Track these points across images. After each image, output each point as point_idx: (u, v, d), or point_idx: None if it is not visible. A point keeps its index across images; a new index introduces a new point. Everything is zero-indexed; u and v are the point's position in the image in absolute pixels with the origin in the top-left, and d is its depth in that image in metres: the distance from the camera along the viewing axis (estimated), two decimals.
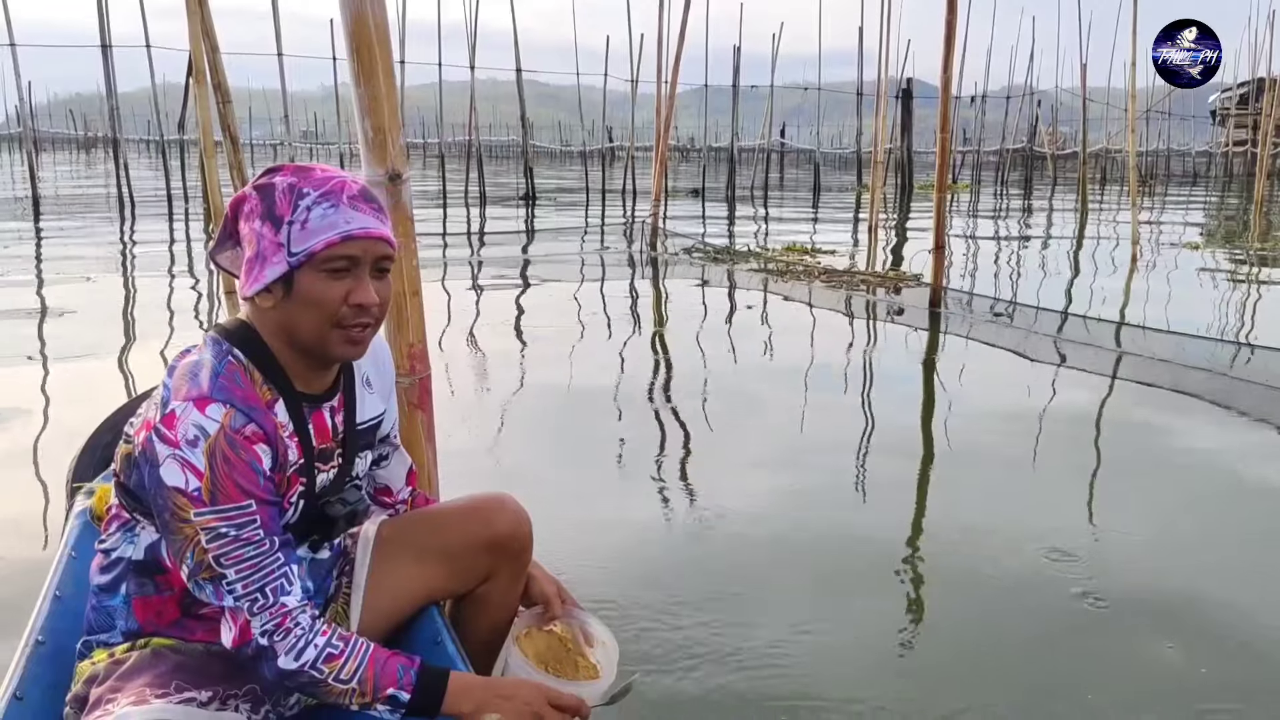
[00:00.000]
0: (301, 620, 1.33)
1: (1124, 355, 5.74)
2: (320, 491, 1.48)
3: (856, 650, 2.37)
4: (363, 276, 1.38)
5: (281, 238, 1.36)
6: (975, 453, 4.00)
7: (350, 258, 1.37)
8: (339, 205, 1.37)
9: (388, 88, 1.99)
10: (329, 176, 1.41)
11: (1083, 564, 2.84)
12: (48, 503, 3.10)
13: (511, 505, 1.66)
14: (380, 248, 1.40)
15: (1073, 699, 2.16)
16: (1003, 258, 11.29)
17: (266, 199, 1.39)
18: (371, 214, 1.40)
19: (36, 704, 1.36)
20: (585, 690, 1.58)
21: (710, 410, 4.61)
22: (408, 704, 1.33)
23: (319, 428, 1.47)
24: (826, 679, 2.21)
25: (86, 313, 6.71)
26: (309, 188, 1.38)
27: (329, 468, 1.49)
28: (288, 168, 1.42)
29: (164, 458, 1.30)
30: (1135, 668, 2.31)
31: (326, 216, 1.35)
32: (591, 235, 13.02)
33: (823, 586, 2.72)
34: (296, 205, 1.36)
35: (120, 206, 15.36)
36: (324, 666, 1.32)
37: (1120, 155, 33.50)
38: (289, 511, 1.44)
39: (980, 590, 2.70)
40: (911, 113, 22.11)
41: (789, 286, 8.39)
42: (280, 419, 1.40)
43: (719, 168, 27.11)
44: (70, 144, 49.41)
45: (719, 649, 2.31)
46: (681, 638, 2.35)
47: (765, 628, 2.42)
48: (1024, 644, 2.43)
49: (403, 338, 2.08)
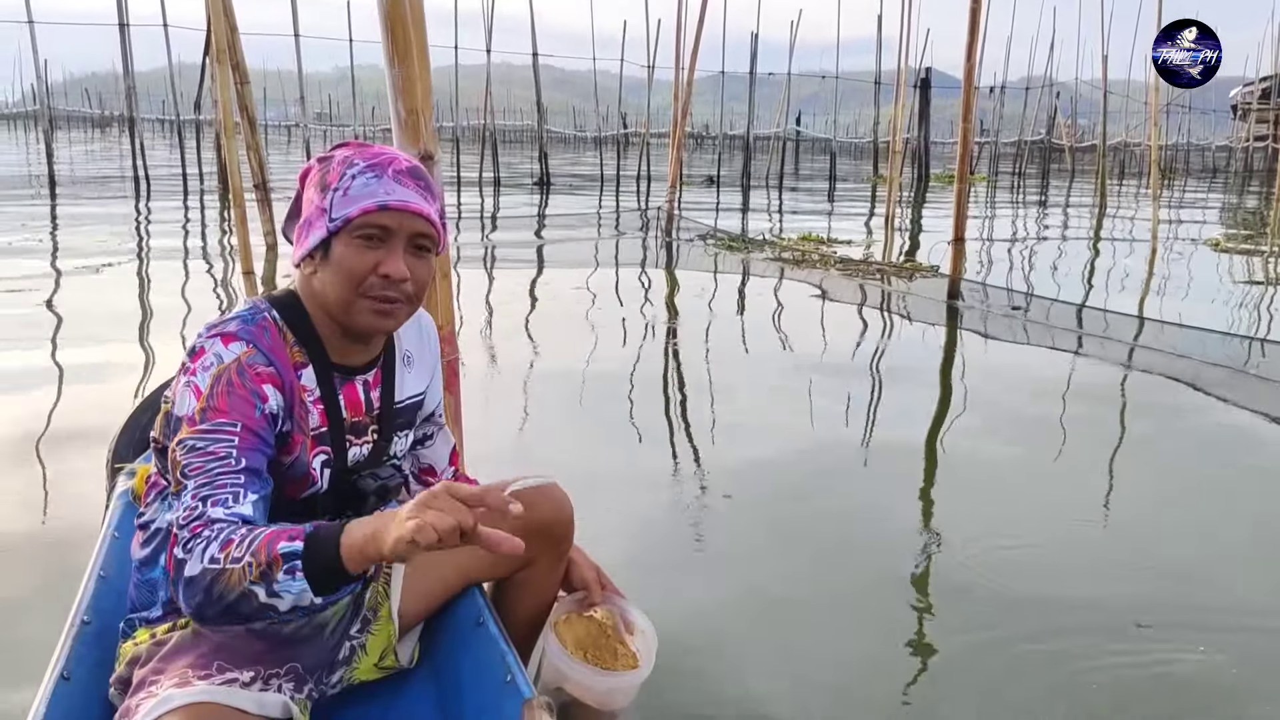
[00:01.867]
0: (215, 527, 1.23)
1: (1145, 349, 5.71)
2: (353, 466, 1.48)
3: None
4: (395, 249, 1.39)
5: (325, 204, 1.39)
6: (993, 449, 3.98)
7: (383, 227, 1.37)
8: (382, 177, 1.39)
9: (421, 69, 1.98)
10: (382, 152, 1.44)
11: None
12: (88, 484, 3.08)
13: (555, 490, 1.65)
14: (417, 223, 1.40)
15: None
16: (1021, 251, 11.24)
17: (324, 169, 1.42)
18: (415, 190, 1.41)
19: (83, 684, 1.36)
20: (624, 680, 1.57)
21: (731, 399, 4.60)
22: (303, 553, 1.17)
23: (350, 400, 1.47)
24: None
25: (112, 294, 6.73)
26: (360, 159, 1.41)
27: (362, 442, 1.49)
28: (352, 143, 1.46)
29: (181, 386, 1.34)
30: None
31: (368, 185, 1.37)
32: (606, 222, 12.99)
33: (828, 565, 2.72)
34: (344, 174, 1.39)
35: (136, 186, 15.38)
36: (220, 555, 1.19)
37: (1139, 149, 33.28)
38: (317, 483, 1.44)
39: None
40: (929, 102, 21.94)
41: (805, 275, 8.36)
42: (306, 384, 1.41)
43: (733, 156, 27.05)
44: (86, 122, 49.45)
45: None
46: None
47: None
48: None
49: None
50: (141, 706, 1.25)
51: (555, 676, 1.56)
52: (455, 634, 1.57)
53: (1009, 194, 21.58)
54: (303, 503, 1.44)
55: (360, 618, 1.57)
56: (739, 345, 5.84)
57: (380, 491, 1.51)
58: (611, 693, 1.57)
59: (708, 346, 5.76)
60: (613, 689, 1.57)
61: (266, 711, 1.32)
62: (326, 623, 1.53)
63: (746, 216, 14.49)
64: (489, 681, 1.43)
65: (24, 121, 42.46)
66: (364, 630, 1.56)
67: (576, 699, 1.55)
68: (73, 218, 11.51)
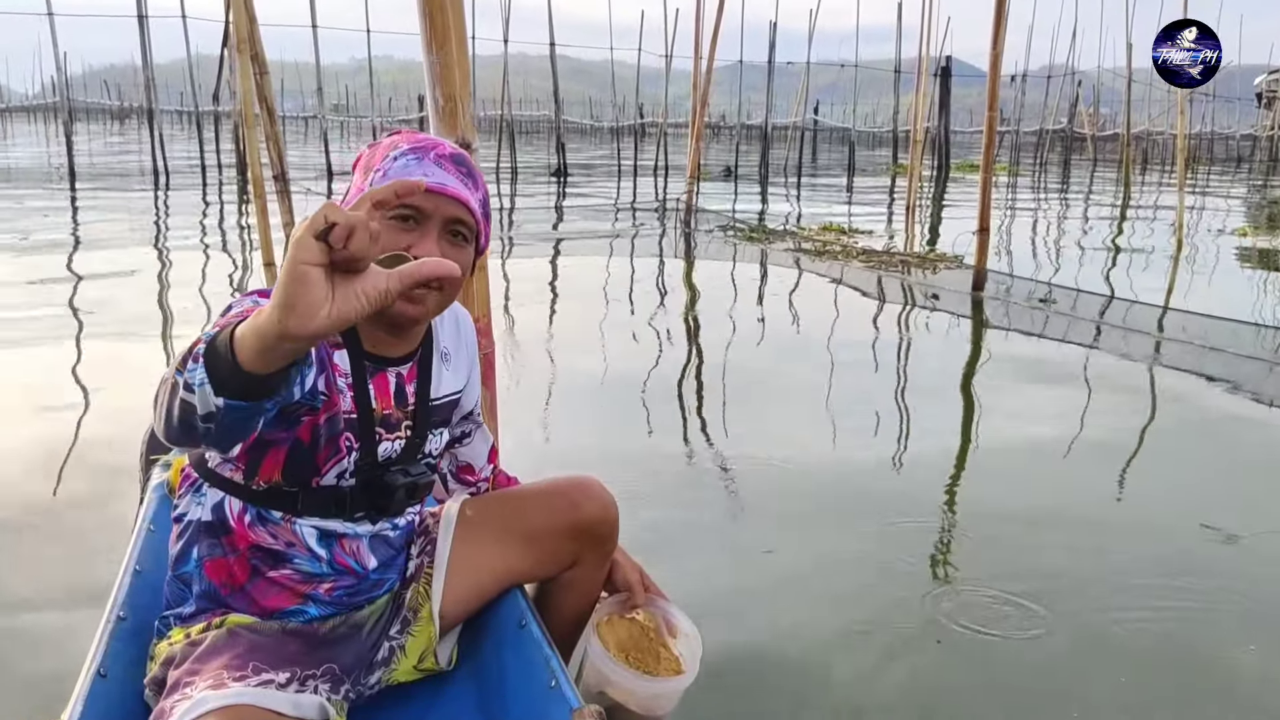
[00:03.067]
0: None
1: (1172, 342, 5.64)
2: (384, 461, 1.44)
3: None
4: (430, 232, 1.36)
5: (365, 184, 1.39)
6: (1019, 440, 3.92)
7: (417, 209, 1.35)
8: (423, 160, 1.38)
9: (459, 55, 1.95)
10: (428, 139, 1.44)
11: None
12: (121, 477, 3.06)
13: (598, 490, 1.61)
14: (454, 208, 1.37)
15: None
16: (1046, 242, 11.12)
17: (371, 153, 1.43)
18: (456, 175, 1.39)
19: (120, 680, 1.33)
20: (670, 685, 1.54)
21: (756, 390, 4.55)
22: (213, 335, 1.02)
23: (381, 391, 1.43)
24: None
25: (133, 287, 6.74)
26: (406, 143, 1.41)
27: (394, 437, 1.45)
28: (404, 131, 1.47)
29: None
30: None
31: (407, 167, 1.37)
32: (624, 212, 12.94)
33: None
34: (387, 157, 1.40)
35: (155, 178, 15.44)
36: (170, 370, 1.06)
37: (1162, 137, 32.94)
38: (343, 456, 1.40)
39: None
40: (950, 91, 21.73)
41: (826, 266, 8.29)
42: (339, 365, 1.39)
43: (751, 146, 26.93)
44: (104, 114, 49.70)
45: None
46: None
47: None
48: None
49: (468, 312, 2.05)
50: (176, 709, 1.21)
51: (598, 680, 1.52)
52: (497, 636, 1.53)
53: (1030, 183, 21.39)
54: (331, 492, 1.41)
55: (400, 618, 1.54)
56: (767, 338, 5.79)
57: (410, 488, 1.47)
58: (656, 698, 1.53)
59: (735, 339, 5.71)
60: (658, 694, 1.53)
61: (303, 713, 1.28)
62: (364, 623, 1.50)
63: (765, 207, 14.41)
64: (533, 685, 1.39)
65: (44, 114, 42.74)
66: (404, 631, 1.53)
67: (619, 703, 1.51)
68: (93, 209, 11.56)
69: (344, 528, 1.44)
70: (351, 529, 1.45)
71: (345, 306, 0.90)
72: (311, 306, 0.89)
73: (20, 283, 6.59)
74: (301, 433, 1.36)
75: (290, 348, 0.94)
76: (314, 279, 0.89)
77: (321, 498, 1.41)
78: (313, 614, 1.44)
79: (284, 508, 1.40)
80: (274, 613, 1.42)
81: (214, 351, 0.99)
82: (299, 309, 0.89)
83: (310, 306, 0.89)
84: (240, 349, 0.96)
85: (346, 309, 0.90)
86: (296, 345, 0.94)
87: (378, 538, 1.49)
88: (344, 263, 0.90)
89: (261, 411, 1.04)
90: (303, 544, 1.42)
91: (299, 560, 1.42)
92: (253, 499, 1.39)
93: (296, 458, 1.37)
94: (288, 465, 1.38)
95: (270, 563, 1.41)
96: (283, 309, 0.89)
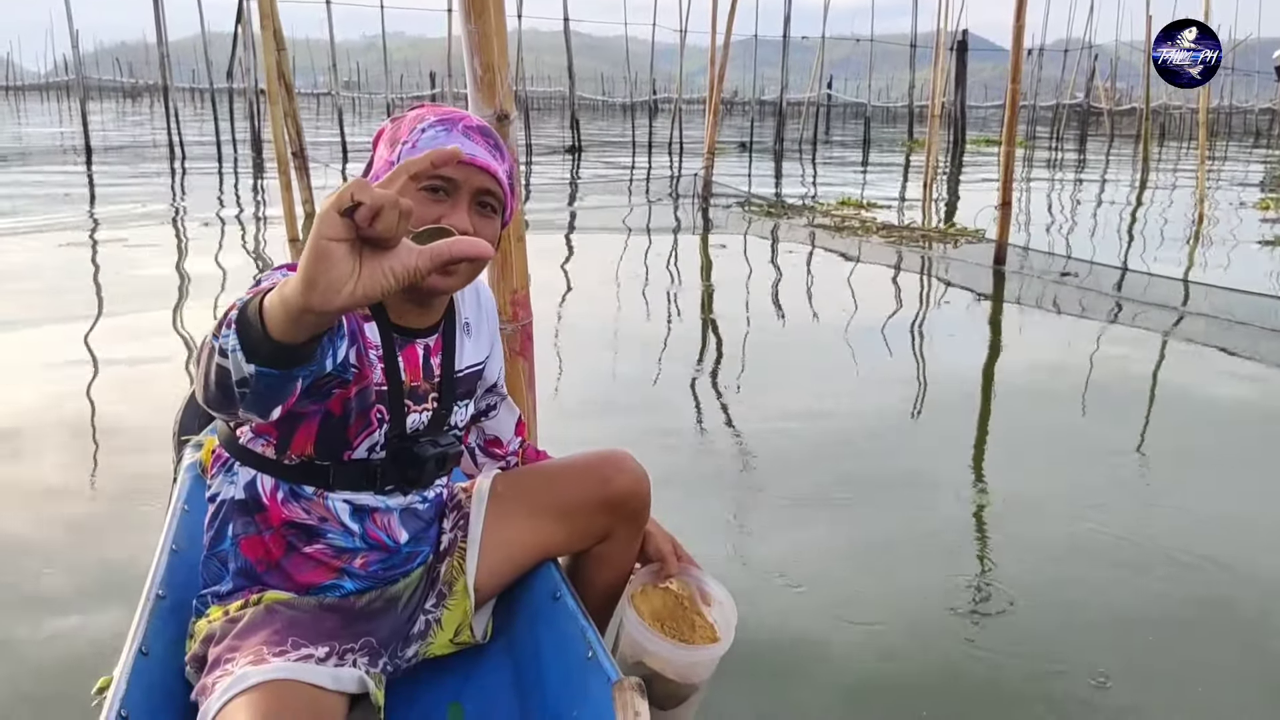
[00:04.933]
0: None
1: (1198, 315, 5.59)
2: (412, 433, 1.45)
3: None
4: (460, 203, 1.36)
5: (394, 157, 1.38)
6: (1036, 415, 3.90)
7: (448, 179, 1.35)
8: (452, 131, 1.38)
9: (498, 24, 1.92)
10: (454, 112, 1.43)
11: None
12: (155, 457, 3.07)
13: (630, 463, 1.61)
14: (483, 179, 1.37)
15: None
16: (1065, 216, 11.03)
17: (395, 127, 1.43)
18: (484, 146, 1.39)
19: (161, 658, 1.34)
20: (707, 653, 1.54)
21: (790, 366, 4.54)
22: (245, 302, 1.01)
23: (410, 363, 1.44)
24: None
25: (154, 265, 6.75)
26: (432, 115, 1.41)
27: (421, 409, 1.46)
28: (427, 105, 1.46)
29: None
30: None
31: (436, 139, 1.37)
32: (639, 189, 12.88)
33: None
34: (414, 129, 1.39)
35: (171, 153, 15.45)
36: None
37: (1180, 111, 32.59)
38: (374, 428, 1.39)
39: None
40: (966, 66, 21.50)
41: (846, 242, 8.24)
42: (370, 337, 1.39)
43: (765, 122, 26.78)
44: (117, 92, 49.73)
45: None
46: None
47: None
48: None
49: (506, 284, 2.04)
50: (218, 685, 1.22)
51: (635, 650, 1.52)
52: (531, 608, 1.53)
53: (1047, 157, 21.20)
54: (362, 466, 1.41)
55: (435, 592, 1.54)
56: (789, 314, 5.76)
57: (439, 459, 1.46)
58: (693, 666, 1.53)
59: (755, 313, 5.69)
60: (695, 663, 1.53)
61: (342, 687, 1.29)
62: (399, 596, 1.50)
63: (781, 182, 14.33)
64: (570, 657, 1.39)
65: (57, 92, 42.80)
66: (439, 605, 1.53)
67: (656, 672, 1.52)
68: (110, 186, 11.58)
69: (375, 501, 1.44)
70: (383, 502, 1.45)
71: (371, 284, 0.88)
72: (335, 282, 0.87)
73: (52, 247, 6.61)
74: (333, 405, 1.36)
75: (314, 320, 0.93)
76: (337, 255, 0.86)
77: (353, 471, 1.41)
78: (348, 588, 1.45)
79: (316, 482, 1.40)
80: (310, 588, 1.42)
81: (245, 319, 0.98)
82: (321, 285, 0.87)
83: (333, 282, 0.87)
84: (269, 318, 0.95)
85: (373, 286, 0.88)
86: (321, 319, 0.93)
87: (408, 511, 1.49)
88: (372, 240, 0.88)
89: (293, 379, 1.03)
90: (335, 518, 1.42)
91: (332, 535, 1.42)
92: (285, 475, 1.40)
93: (328, 431, 1.37)
94: (319, 438, 1.38)
95: (304, 538, 1.42)
96: (306, 284, 0.88)
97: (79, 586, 2.34)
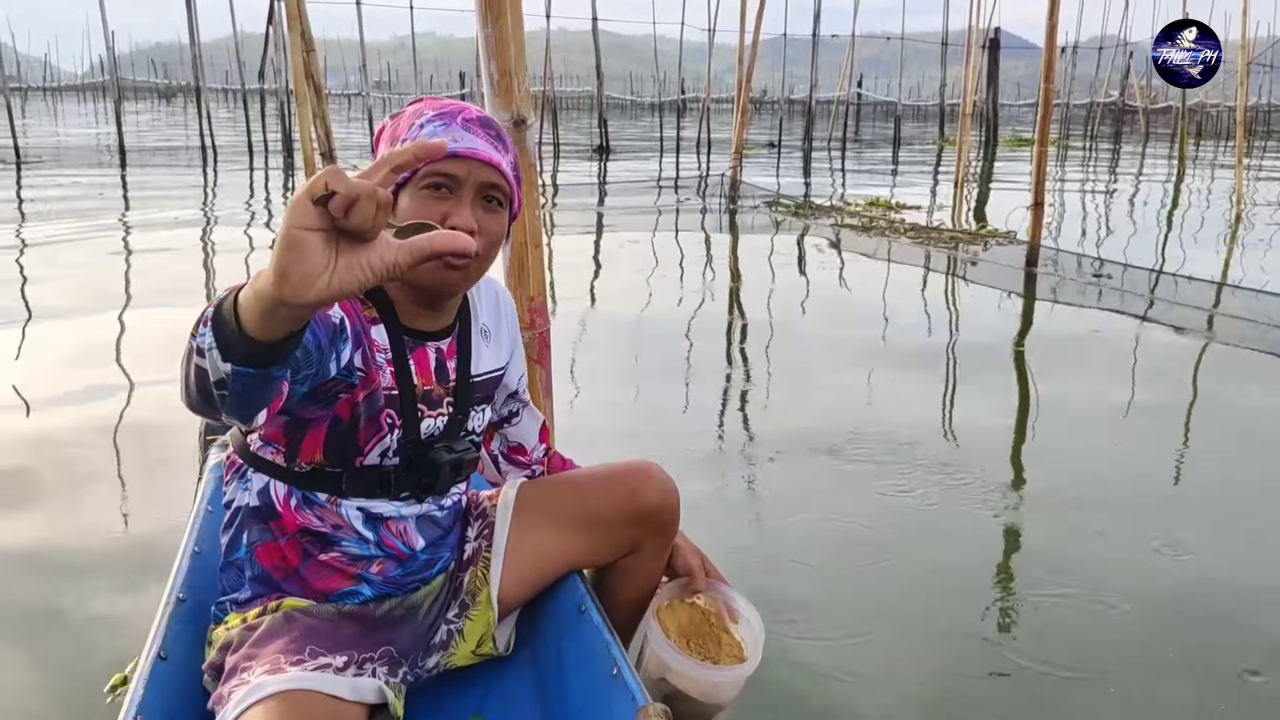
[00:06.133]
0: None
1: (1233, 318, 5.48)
2: (427, 439, 1.42)
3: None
4: (464, 200, 1.32)
5: None
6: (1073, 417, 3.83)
7: (450, 176, 1.31)
8: (450, 125, 1.34)
9: (515, 28, 1.90)
10: (453, 104, 1.40)
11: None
12: (181, 457, 3.06)
13: (659, 475, 1.57)
14: (487, 173, 1.33)
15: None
16: (1099, 217, 10.88)
17: (395, 124, 1.40)
18: (485, 139, 1.35)
19: (180, 663, 1.32)
20: (733, 674, 1.50)
21: (820, 372, 4.49)
22: (221, 299, 0.97)
23: (421, 366, 1.41)
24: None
25: (182, 263, 6.81)
26: (430, 110, 1.38)
27: (436, 415, 1.43)
28: (426, 100, 1.42)
29: None
30: None
31: (435, 134, 1.32)
32: (667, 188, 12.85)
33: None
34: (413, 125, 1.36)
35: (203, 154, 15.61)
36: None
37: (1217, 110, 32.09)
38: (384, 433, 1.37)
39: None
40: (998, 64, 21.27)
41: (874, 243, 8.16)
42: (377, 339, 1.36)
43: (794, 121, 26.66)
44: (151, 93, 50.35)
45: None
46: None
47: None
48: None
49: (523, 291, 2.02)
50: (235, 694, 1.21)
51: (659, 667, 1.49)
52: (556, 621, 1.51)
53: (1080, 157, 20.94)
54: (375, 472, 1.39)
55: (459, 602, 1.51)
56: (816, 313, 5.71)
57: (455, 465, 1.44)
58: (719, 686, 1.50)
59: (784, 318, 5.64)
60: (720, 683, 1.50)
61: (361, 697, 1.27)
62: (419, 605, 1.48)
63: (809, 181, 14.24)
64: (594, 673, 1.36)
65: (92, 93, 43.41)
66: (462, 615, 1.50)
67: (680, 690, 1.49)
68: (143, 186, 11.71)
69: (390, 509, 1.42)
70: (397, 510, 1.43)
71: (347, 277, 0.83)
72: (307, 275, 0.82)
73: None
74: (341, 410, 1.34)
75: (288, 314, 0.88)
76: (310, 246, 0.82)
77: (366, 478, 1.39)
78: (367, 595, 1.43)
79: (328, 489, 1.38)
80: (328, 595, 1.40)
81: (220, 316, 0.94)
82: (293, 277, 0.82)
83: (306, 275, 0.82)
84: (244, 314, 0.91)
85: (348, 280, 0.83)
86: (294, 312, 0.88)
87: (424, 518, 1.47)
88: (349, 231, 0.83)
89: (271, 379, 0.99)
90: (349, 526, 1.40)
91: (347, 543, 1.40)
92: (297, 482, 1.38)
93: (337, 436, 1.35)
94: (328, 445, 1.36)
95: (320, 545, 1.40)
96: (279, 275, 0.83)
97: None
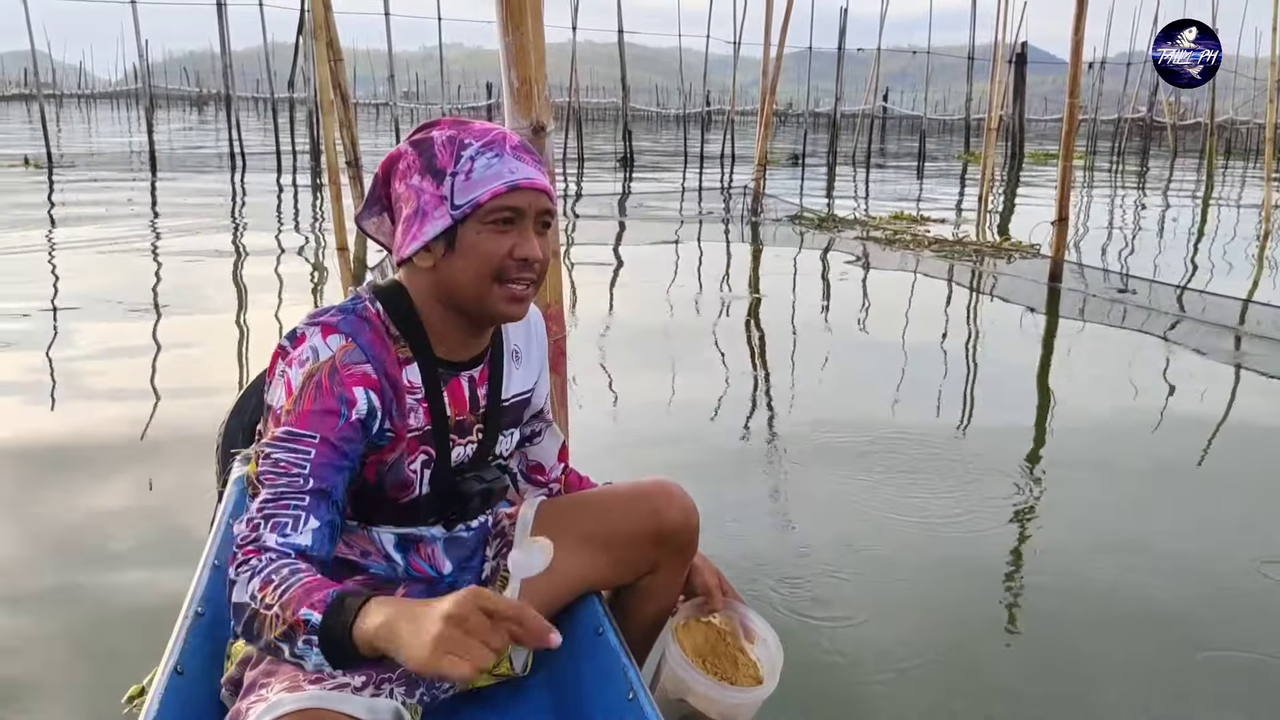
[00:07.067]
0: (265, 557, 1.18)
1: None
2: (457, 467, 1.42)
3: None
4: (527, 229, 1.32)
5: (444, 190, 1.30)
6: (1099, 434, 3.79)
7: (516, 209, 1.31)
8: (503, 155, 1.31)
9: (536, 36, 1.91)
10: (488, 128, 1.36)
11: None
12: (199, 470, 3.08)
13: (679, 495, 1.57)
14: (543, 200, 1.34)
15: None
16: (1126, 233, 10.78)
17: (425, 154, 1.33)
18: (534, 166, 1.34)
19: (196, 678, 1.33)
20: (751, 696, 1.49)
21: (843, 386, 4.47)
22: (319, 627, 1.09)
23: (455, 397, 1.41)
24: None
25: (207, 271, 6.87)
26: (470, 139, 1.32)
27: (466, 442, 1.43)
28: (444, 121, 1.38)
29: (276, 374, 1.30)
30: None
31: (491, 166, 1.30)
32: (691, 200, 12.85)
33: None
34: (459, 157, 1.30)
35: (232, 162, 15.76)
36: (259, 594, 1.14)
37: (1246, 127, 31.74)
38: (414, 487, 1.38)
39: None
40: (1025, 78, 21.12)
41: (898, 257, 8.13)
42: (410, 380, 1.35)
43: (819, 134, 26.57)
44: (184, 101, 50.88)
45: None
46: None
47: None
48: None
49: (539, 299, 2.02)
50: (252, 710, 1.21)
51: (677, 686, 1.49)
52: (574, 642, 1.49)
53: (1108, 173, 20.77)
54: (406, 505, 1.40)
55: None
56: (838, 328, 5.69)
57: (484, 494, 1.45)
58: (736, 708, 1.49)
59: (806, 331, 5.62)
60: (740, 704, 1.49)
61: (378, 716, 1.26)
62: None
63: (833, 195, 14.20)
64: (611, 696, 1.36)
65: (126, 100, 43.94)
66: None
67: (698, 711, 1.48)
68: (174, 193, 11.83)
69: (419, 531, 1.43)
70: (427, 532, 1.44)
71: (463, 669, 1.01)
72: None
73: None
74: (367, 473, 1.35)
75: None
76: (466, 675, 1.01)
77: (395, 509, 1.40)
78: None
79: (359, 517, 1.40)
80: None
81: (329, 639, 1.08)
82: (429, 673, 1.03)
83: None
84: (360, 643, 1.07)
85: (464, 671, 1.01)
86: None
87: (452, 539, 1.48)
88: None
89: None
90: (379, 551, 1.41)
91: (375, 569, 1.41)
92: None
93: (365, 498, 1.37)
94: (356, 504, 1.38)
95: (346, 570, 1.41)
96: (410, 667, 1.03)
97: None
